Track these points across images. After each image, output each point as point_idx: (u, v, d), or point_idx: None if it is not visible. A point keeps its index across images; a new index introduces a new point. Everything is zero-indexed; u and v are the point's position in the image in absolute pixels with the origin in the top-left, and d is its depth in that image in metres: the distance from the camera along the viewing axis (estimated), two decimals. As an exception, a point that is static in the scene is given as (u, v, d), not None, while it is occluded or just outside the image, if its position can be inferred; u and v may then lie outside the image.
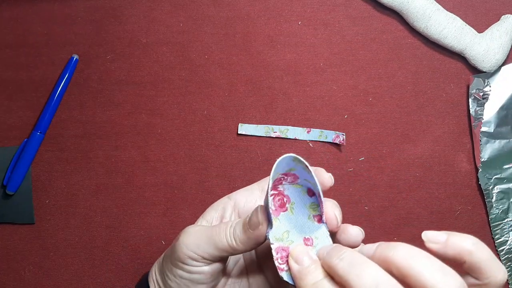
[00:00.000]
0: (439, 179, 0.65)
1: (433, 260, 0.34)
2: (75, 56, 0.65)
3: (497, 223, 0.64)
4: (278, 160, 0.39)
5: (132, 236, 0.65)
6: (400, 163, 0.66)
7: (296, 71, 0.66)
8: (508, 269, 0.64)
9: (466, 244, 0.35)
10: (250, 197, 0.47)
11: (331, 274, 0.36)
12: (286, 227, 0.41)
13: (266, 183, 0.47)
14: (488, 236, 0.65)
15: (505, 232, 0.64)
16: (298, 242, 0.41)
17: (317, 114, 0.66)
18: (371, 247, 0.37)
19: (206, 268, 0.43)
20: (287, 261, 0.40)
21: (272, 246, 0.40)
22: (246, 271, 0.48)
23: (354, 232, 0.41)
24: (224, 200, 0.48)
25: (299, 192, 0.42)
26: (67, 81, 0.65)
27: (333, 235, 0.42)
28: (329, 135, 0.65)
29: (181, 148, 0.66)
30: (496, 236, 0.64)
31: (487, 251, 0.35)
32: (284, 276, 0.39)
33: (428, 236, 0.36)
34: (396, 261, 0.34)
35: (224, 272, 0.46)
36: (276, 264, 0.40)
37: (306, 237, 0.41)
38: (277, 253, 0.40)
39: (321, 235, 0.41)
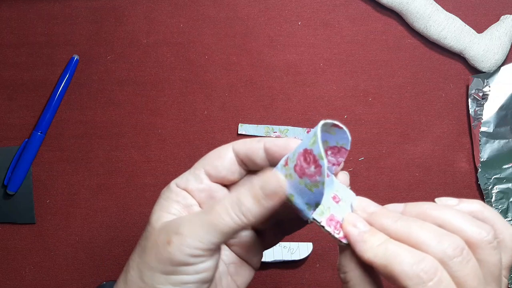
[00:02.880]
0: (438, 179, 0.66)
1: (463, 213, 0.37)
2: (76, 56, 0.65)
3: (496, 223, 0.65)
4: (318, 130, 0.36)
5: (133, 236, 0.65)
6: (399, 163, 0.66)
7: (296, 71, 0.66)
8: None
9: (477, 205, 0.39)
10: (200, 185, 0.41)
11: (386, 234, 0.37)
12: None
13: (212, 166, 0.42)
14: (487, 235, 0.65)
15: (505, 232, 0.65)
16: (331, 205, 0.39)
17: (317, 114, 0.66)
18: (398, 206, 0.39)
19: (211, 262, 0.38)
20: (341, 227, 0.38)
21: (321, 223, 0.38)
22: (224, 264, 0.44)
23: (342, 178, 0.42)
24: (176, 190, 0.42)
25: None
26: (68, 81, 0.65)
27: None
28: (329, 135, 0.65)
29: (181, 148, 0.66)
30: (496, 236, 0.64)
31: (494, 210, 0.39)
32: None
33: (442, 200, 0.40)
34: (432, 214, 0.37)
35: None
36: (336, 236, 0.38)
37: (332, 196, 0.39)
38: (330, 227, 0.38)
39: (339, 187, 0.40)
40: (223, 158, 0.42)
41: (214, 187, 0.42)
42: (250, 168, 0.42)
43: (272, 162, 0.41)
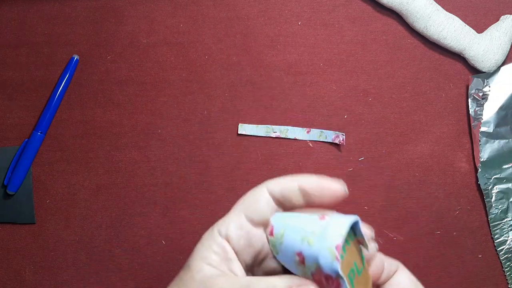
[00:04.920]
0: (438, 179, 0.66)
1: None
2: (76, 56, 0.65)
3: (496, 223, 0.65)
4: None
5: (132, 236, 0.65)
6: (400, 163, 0.66)
7: (296, 71, 0.66)
8: (508, 268, 0.64)
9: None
10: (240, 231, 0.40)
11: None
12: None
13: (250, 208, 0.40)
14: (487, 236, 0.65)
15: (505, 232, 0.65)
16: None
17: (317, 114, 0.66)
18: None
19: None
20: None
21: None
22: None
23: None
24: (218, 240, 0.41)
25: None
26: (68, 81, 0.65)
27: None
28: (329, 135, 0.65)
29: (181, 148, 0.66)
30: (496, 236, 0.64)
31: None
32: None
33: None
34: None
35: None
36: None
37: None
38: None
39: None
40: (260, 201, 0.40)
41: (253, 232, 0.41)
42: (287, 206, 0.41)
43: (309, 202, 0.40)
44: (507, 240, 0.64)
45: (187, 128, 0.66)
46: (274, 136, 0.66)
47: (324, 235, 0.35)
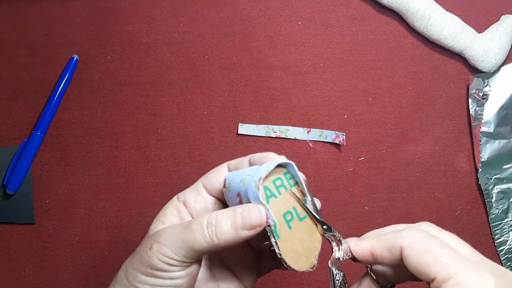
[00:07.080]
0: (439, 179, 0.65)
1: None
2: (75, 56, 0.65)
3: (497, 223, 0.65)
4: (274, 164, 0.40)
5: (132, 236, 0.65)
6: (400, 163, 0.66)
7: (296, 71, 0.66)
8: (508, 269, 0.64)
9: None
10: (198, 197, 0.45)
11: None
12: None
13: (209, 179, 0.45)
14: (488, 236, 0.65)
15: (505, 232, 0.64)
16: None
17: (317, 114, 0.66)
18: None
19: (186, 271, 0.41)
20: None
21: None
22: (213, 275, 0.45)
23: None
24: (175, 203, 0.45)
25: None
26: (67, 81, 0.65)
27: None
28: (329, 135, 0.65)
29: (181, 148, 0.66)
30: (496, 236, 0.64)
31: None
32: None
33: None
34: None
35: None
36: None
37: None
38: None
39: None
40: (218, 172, 0.45)
41: (210, 200, 0.45)
42: None
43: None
44: (507, 240, 0.64)
45: (187, 128, 0.66)
46: (274, 136, 0.65)
47: (254, 173, 0.40)
